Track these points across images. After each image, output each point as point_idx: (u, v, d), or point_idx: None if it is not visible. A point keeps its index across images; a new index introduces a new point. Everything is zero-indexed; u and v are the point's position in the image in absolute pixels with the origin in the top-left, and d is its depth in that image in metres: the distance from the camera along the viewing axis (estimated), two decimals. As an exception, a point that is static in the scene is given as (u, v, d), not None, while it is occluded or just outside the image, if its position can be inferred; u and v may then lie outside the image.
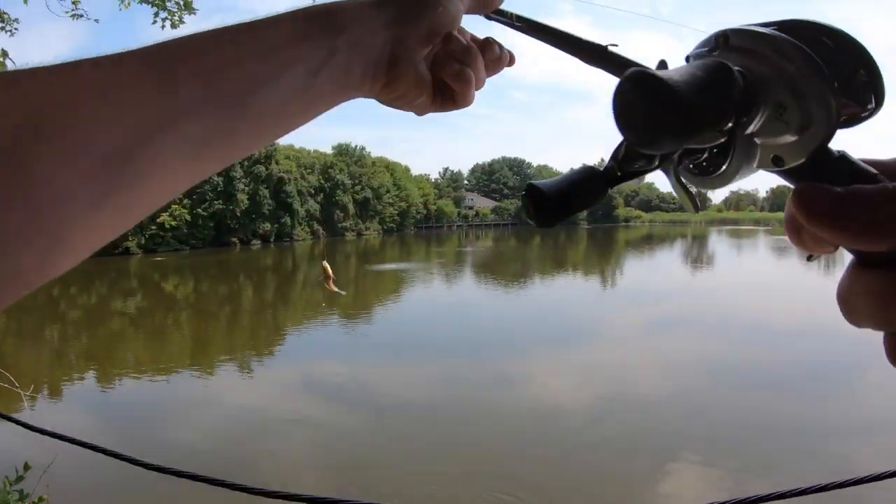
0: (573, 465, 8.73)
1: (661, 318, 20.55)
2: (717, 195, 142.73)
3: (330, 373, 13.61)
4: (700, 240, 79.48)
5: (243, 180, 67.74)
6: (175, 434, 10.41)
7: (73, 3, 7.96)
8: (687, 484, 8.05)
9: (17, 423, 2.84)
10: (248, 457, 9.26)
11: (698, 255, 56.30)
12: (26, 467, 4.18)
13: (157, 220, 58.32)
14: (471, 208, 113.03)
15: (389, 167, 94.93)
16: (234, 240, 67.43)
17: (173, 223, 60.23)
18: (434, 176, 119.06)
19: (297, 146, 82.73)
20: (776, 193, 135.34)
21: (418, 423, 10.58)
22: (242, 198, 66.87)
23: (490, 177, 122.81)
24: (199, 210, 63.55)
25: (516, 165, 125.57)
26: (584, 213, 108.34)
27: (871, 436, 9.30)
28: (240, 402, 11.92)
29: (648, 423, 10.45)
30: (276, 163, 72.22)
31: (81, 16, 8.14)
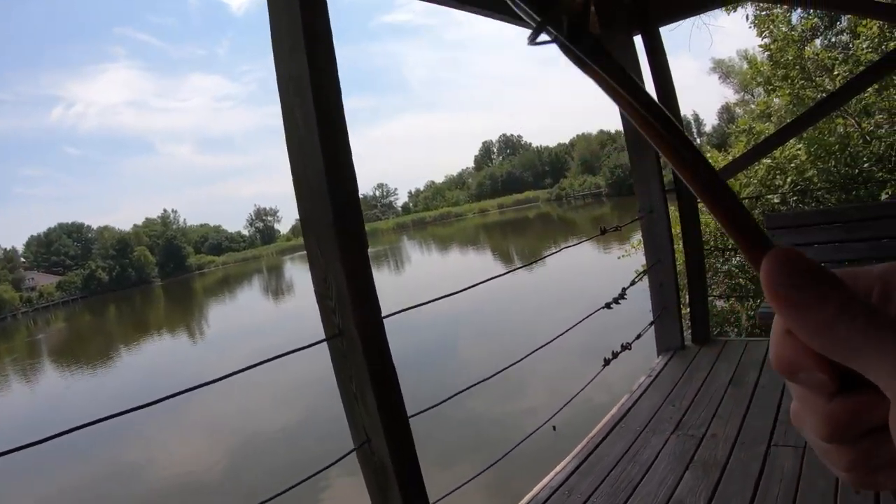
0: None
1: (256, 351, 19.99)
2: (284, 225, 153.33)
3: None
4: (276, 270, 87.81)
5: None
6: None
7: None
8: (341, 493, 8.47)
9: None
10: None
11: (277, 285, 63.84)
12: None
13: None
14: (33, 289, 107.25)
15: None
16: None
17: None
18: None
19: None
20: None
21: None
22: None
23: (49, 248, 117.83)
24: None
25: (75, 231, 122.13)
26: (156, 269, 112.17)
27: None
28: None
29: (290, 448, 11.42)
30: None
31: None
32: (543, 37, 0.47)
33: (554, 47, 0.48)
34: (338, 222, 2.16)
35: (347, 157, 2.20)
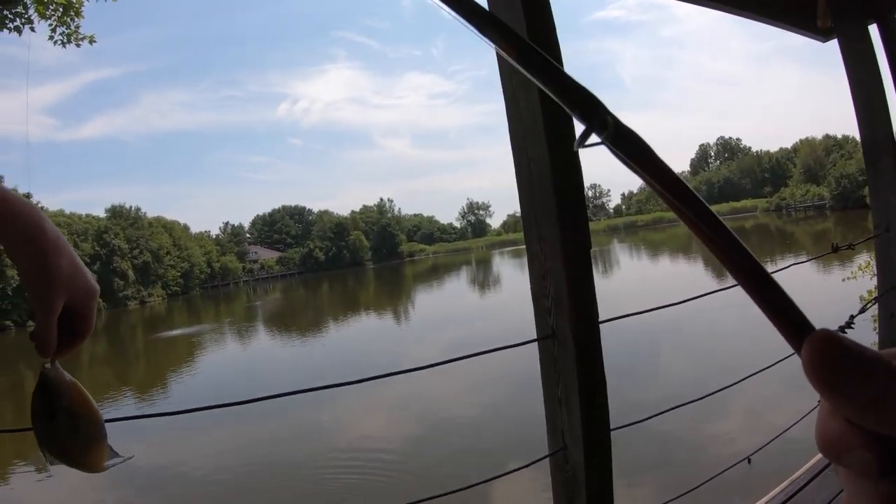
0: (402, 495, 8.90)
1: (457, 341, 21.87)
2: (495, 220, 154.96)
3: (135, 457, 12.54)
4: (484, 263, 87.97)
5: (11, 254, 68.28)
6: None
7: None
8: (521, 494, 8.61)
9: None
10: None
11: (484, 279, 63.07)
12: None
13: (-83, 310, 56.01)
14: (255, 262, 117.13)
15: (168, 227, 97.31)
16: (9, 322, 67.21)
17: (-62, 310, 57.59)
18: (215, 232, 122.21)
19: (67, 211, 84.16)
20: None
21: (237, 489, 10.80)
22: (13, 273, 65.58)
23: (272, 227, 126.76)
24: (-34, 292, 61.90)
25: (297, 213, 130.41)
26: (369, 253, 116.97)
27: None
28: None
29: (469, 440, 11.48)
30: (46, 232, 72.62)
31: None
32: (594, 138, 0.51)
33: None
34: (562, 219, 2.03)
35: (576, 152, 2.04)
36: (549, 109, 1.97)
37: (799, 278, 22.92)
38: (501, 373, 14.75)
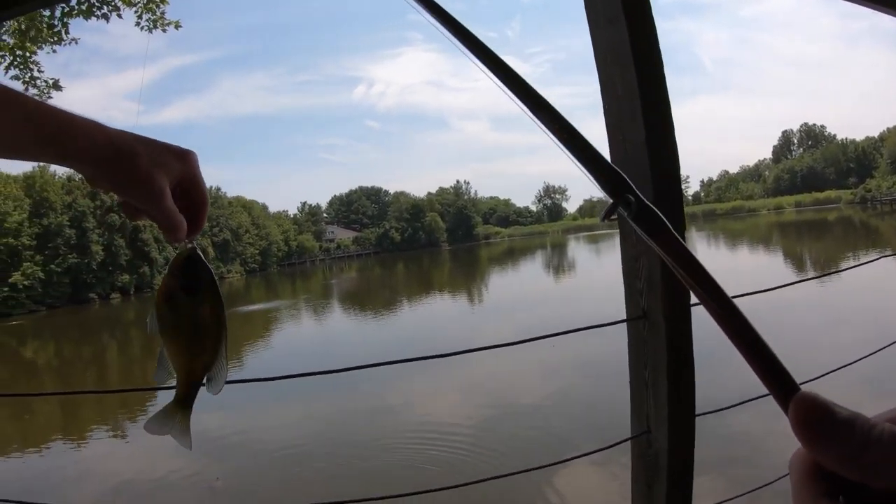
0: (473, 477, 8.16)
1: (530, 325, 21.35)
2: (571, 204, 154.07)
3: (209, 425, 12.58)
4: (559, 248, 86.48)
5: (97, 231, 70.78)
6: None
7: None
8: (585, 480, 8.57)
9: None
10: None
11: (559, 263, 62.43)
12: None
13: (9, 281, 60.30)
14: (332, 241, 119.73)
15: (247, 206, 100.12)
16: (93, 295, 69.11)
17: (26, 282, 61.93)
18: (293, 211, 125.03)
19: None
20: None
21: (309, 462, 10.92)
22: (97, 249, 69.69)
23: (349, 207, 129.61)
24: (53, 266, 65.79)
25: (374, 194, 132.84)
26: (445, 235, 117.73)
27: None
28: (118, 471, 11.87)
29: (537, 426, 11.45)
30: (131, 210, 75.15)
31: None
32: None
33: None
34: (657, 199, 1.95)
35: (670, 130, 2.00)
36: (647, 89, 1.95)
37: (884, 273, 21.85)
38: (574, 359, 14.86)
